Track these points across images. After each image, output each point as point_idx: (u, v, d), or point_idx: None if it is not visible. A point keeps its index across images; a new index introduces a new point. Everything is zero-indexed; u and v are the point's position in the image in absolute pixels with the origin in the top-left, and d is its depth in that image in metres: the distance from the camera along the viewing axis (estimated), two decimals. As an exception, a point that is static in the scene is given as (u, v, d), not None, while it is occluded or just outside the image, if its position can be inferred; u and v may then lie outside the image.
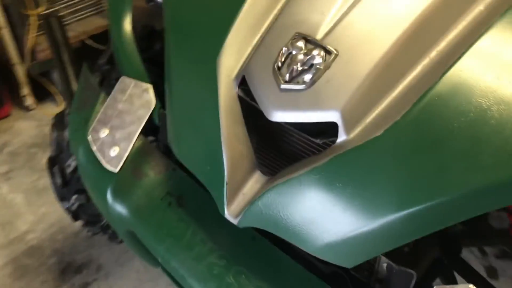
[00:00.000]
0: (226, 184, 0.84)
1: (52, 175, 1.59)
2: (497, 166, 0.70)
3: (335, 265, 0.82)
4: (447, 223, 0.74)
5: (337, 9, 0.89)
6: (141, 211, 1.01)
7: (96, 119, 1.18)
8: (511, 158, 0.70)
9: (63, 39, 1.90)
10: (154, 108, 1.12)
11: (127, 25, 1.29)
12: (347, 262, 0.79)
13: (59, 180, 1.56)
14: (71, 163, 1.55)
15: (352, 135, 0.78)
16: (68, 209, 1.64)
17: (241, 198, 0.85)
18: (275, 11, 0.97)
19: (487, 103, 0.74)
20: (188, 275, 0.90)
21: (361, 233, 0.75)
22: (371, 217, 0.74)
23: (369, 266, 0.93)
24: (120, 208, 1.04)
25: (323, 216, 0.77)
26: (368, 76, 0.80)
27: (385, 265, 0.90)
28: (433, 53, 0.81)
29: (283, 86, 0.83)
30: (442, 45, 0.81)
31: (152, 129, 1.16)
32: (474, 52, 0.78)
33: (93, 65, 1.55)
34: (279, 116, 0.83)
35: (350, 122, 0.79)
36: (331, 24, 0.88)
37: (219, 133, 0.87)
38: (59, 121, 1.61)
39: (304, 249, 0.80)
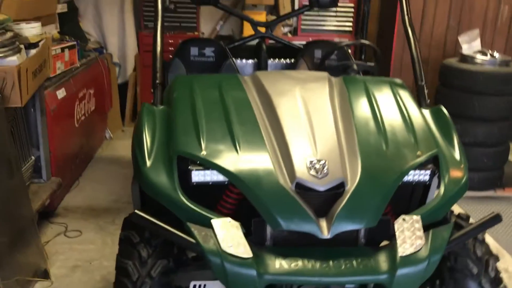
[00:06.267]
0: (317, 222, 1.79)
1: None
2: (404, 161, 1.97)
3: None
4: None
5: (309, 134, 2.00)
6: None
7: None
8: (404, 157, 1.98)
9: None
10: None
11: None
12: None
13: None
14: None
15: (349, 187, 1.85)
16: None
17: (324, 226, 1.77)
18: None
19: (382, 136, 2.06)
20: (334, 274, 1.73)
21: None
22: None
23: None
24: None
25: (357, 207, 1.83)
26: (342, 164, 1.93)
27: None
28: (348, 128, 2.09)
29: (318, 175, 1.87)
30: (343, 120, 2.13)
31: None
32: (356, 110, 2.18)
33: None
34: (322, 188, 1.84)
35: (347, 181, 1.87)
36: (313, 144, 1.96)
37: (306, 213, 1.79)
38: None
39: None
